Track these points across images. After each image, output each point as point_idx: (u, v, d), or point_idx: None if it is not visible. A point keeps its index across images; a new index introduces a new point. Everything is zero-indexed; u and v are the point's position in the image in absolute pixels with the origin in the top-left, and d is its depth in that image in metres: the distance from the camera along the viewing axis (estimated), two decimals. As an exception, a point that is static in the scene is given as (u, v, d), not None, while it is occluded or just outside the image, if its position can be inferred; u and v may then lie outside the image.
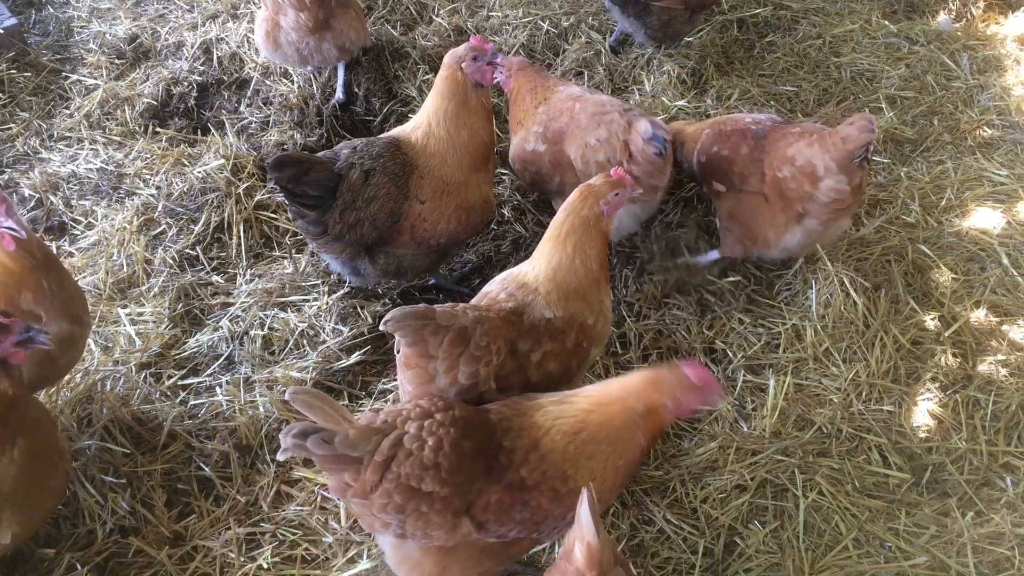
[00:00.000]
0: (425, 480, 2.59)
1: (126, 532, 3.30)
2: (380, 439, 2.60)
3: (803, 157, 3.76)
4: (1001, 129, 5.13)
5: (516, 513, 2.67)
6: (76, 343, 3.26)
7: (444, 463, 2.61)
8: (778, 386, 3.78)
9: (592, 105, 4.02)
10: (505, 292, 3.18)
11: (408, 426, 2.64)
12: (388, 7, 5.75)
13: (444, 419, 2.68)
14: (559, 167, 4.11)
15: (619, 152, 3.83)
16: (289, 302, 4.08)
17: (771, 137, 3.97)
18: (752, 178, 3.97)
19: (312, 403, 2.56)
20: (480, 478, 2.66)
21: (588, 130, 3.95)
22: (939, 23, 5.93)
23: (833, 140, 3.68)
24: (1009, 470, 3.59)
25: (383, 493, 2.59)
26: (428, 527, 2.64)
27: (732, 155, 4.03)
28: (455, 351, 2.92)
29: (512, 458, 2.69)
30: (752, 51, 5.66)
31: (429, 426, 2.65)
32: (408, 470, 2.58)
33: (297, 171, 3.61)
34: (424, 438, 2.62)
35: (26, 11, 5.93)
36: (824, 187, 3.73)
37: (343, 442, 2.55)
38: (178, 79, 5.22)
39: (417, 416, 2.68)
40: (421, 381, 2.98)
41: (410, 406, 2.73)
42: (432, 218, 3.82)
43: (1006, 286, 4.25)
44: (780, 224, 3.94)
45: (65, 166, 4.78)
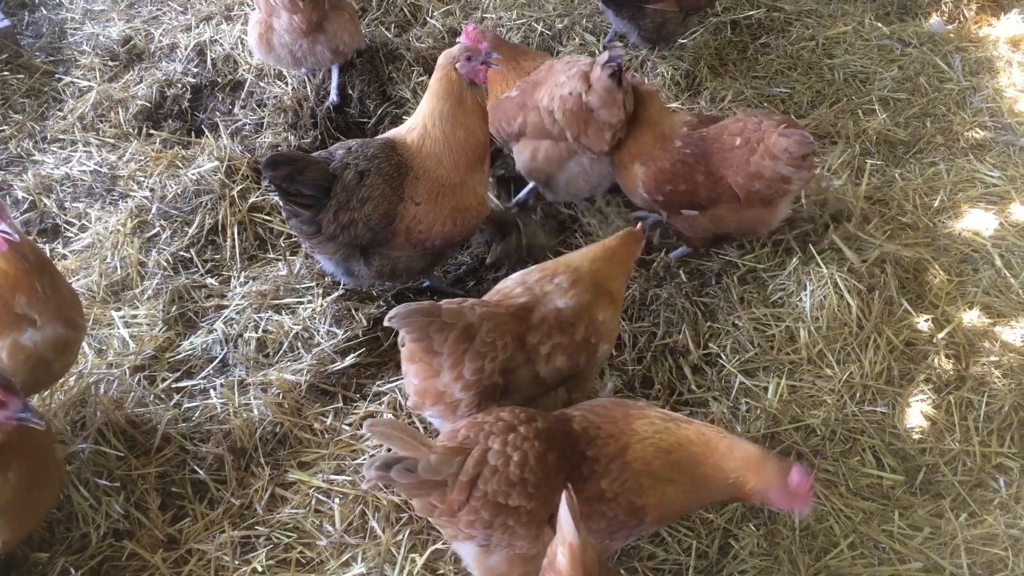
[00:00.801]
0: (512, 496, 2.62)
1: (120, 535, 3.30)
2: (463, 459, 2.61)
3: (768, 170, 3.88)
4: (993, 131, 5.15)
5: (593, 524, 2.69)
6: (70, 346, 3.25)
7: (530, 478, 2.63)
8: (773, 388, 3.79)
9: (569, 57, 4.39)
10: (522, 286, 3.23)
11: (492, 441, 2.66)
12: (382, 9, 5.75)
13: (528, 432, 2.69)
14: (524, 108, 4.29)
15: (579, 82, 4.00)
16: (283, 304, 4.07)
17: (714, 153, 4.01)
18: (722, 197, 4.04)
19: (391, 434, 2.59)
20: (562, 489, 2.67)
21: (560, 72, 4.18)
22: (932, 25, 5.95)
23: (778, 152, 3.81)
24: (1002, 471, 3.61)
25: (470, 511, 2.61)
26: (513, 539, 2.68)
27: (691, 187, 4.06)
28: (460, 347, 2.94)
29: (594, 468, 2.71)
30: (746, 53, 5.67)
31: (513, 440, 2.66)
32: (495, 487, 2.60)
33: (291, 170, 3.60)
34: (509, 453, 2.64)
35: (19, 13, 5.92)
36: (796, 181, 3.93)
37: (426, 469, 2.56)
38: (172, 81, 5.21)
39: (500, 431, 2.69)
40: (426, 375, 3.01)
41: (491, 419, 2.74)
42: (427, 220, 3.82)
43: (999, 287, 4.27)
44: (766, 217, 4.11)
45: (58, 168, 4.77)
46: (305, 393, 3.74)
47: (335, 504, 3.38)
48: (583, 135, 4.09)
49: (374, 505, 3.36)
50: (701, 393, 3.82)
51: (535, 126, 4.26)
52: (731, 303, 4.16)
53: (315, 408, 3.71)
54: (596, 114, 4.00)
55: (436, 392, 3.04)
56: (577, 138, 4.12)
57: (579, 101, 4.01)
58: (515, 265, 4.17)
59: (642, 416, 2.83)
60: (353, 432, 3.63)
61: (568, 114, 4.06)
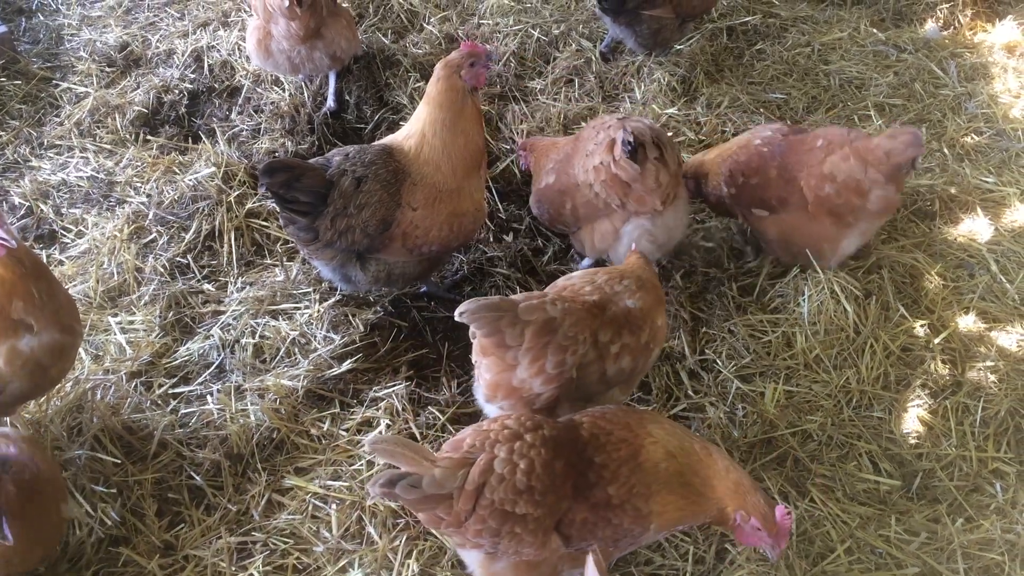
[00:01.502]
0: (519, 504, 2.62)
1: (116, 542, 3.29)
2: (467, 471, 2.61)
3: (843, 173, 3.82)
4: (989, 136, 5.16)
5: (599, 531, 2.70)
6: (67, 352, 3.25)
7: (537, 485, 2.63)
8: (769, 393, 3.79)
9: (596, 120, 4.05)
10: (591, 285, 3.23)
11: (498, 450, 2.66)
12: (379, 15, 5.77)
13: (534, 440, 2.69)
14: (567, 192, 4.05)
15: (605, 151, 3.79)
16: (280, 310, 4.07)
17: (792, 153, 4.00)
18: (792, 198, 3.99)
19: (394, 451, 2.58)
20: (569, 496, 2.69)
21: (589, 140, 3.94)
22: (927, 31, 5.98)
23: (876, 155, 3.75)
24: (999, 476, 3.61)
25: (477, 519, 2.62)
26: (520, 546, 2.69)
27: (763, 182, 4.04)
28: (541, 341, 2.95)
29: (602, 474, 2.71)
30: (742, 59, 5.69)
31: (520, 448, 2.66)
32: (502, 495, 2.61)
33: (288, 177, 3.60)
34: (516, 461, 2.64)
35: (16, 19, 5.92)
36: (874, 198, 3.82)
37: (431, 484, 2.57)
38: (169, 87, 5.21)
39: (506, 439, 2.69)
40: (500, 369, 3.02)
41: (497, 427, 2.74)
42: (424, 225, 3.82)
43: (995, 293, 4.28)
44: (833, 237, 4.02)
45: (55, 174, 4.76)
46: (302, 399, 3.74)
47: (332, 510, 3.37)
48: (628, 202, 3.84)
49: (371, 511, 3.36)
50: (698, 398, 3.82)
51: (585, 207, 4.01)
52: (727, 310, 4.17)
53: (312, 414, 3.71)
54: (633, 186, 3.79)
55: (510, 386, 3.05)
56: (623, 206, 3.87)
57: (610, 172, 3.79)
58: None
59: (655, 421, 2.87)
60: (350, 438, 3.62)
61: (605, 185, 3.83)
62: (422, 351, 4.08)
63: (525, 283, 4.25)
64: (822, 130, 4.06)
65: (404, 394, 3.75)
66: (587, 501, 2.69)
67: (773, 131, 4.15)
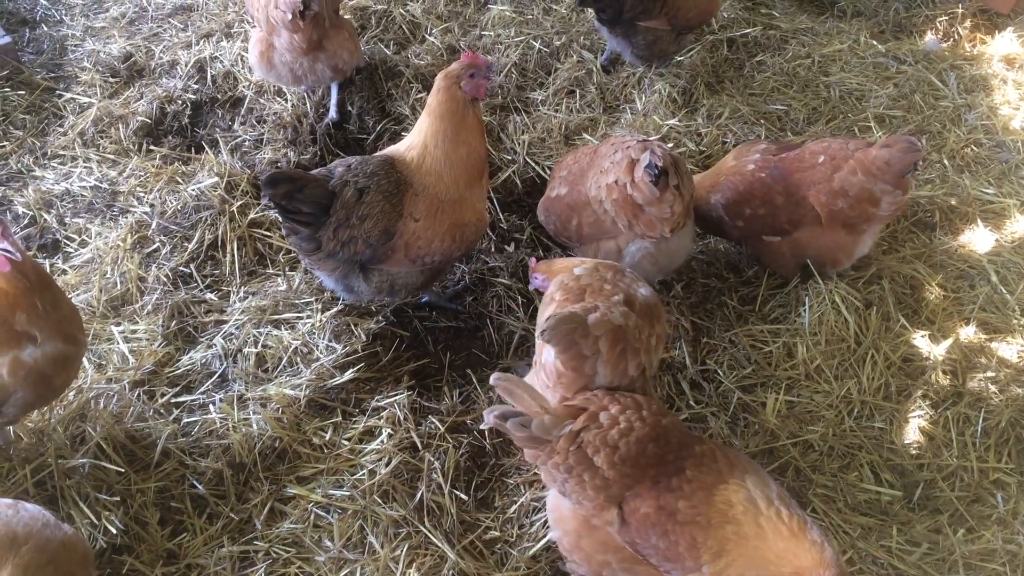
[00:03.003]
0: (599, 455, 2.72)
1: (119, 550, 3.29)
2: (575, 419, 2.78)
3: (855, 187, 3.89)
4: (988, 148, 5.19)
5: (654, 536, 2.70)
6: (71, 362, 3.26)
7: (622, 448, 2.72)
8: (771, 404, 3.80)
9: (614, 138, 4.04)
10: (608, 284, 3.24)
11: (612, 406, 2.80)
12: (381, 26, 5.79)
13: (647, 416, 2.80)
14: (576, 208, 4.03)
15: (624, 171, 3.76)
16: (283, 319, 4.08)
17: (794, 173, 4.02)
18: (804, 219, 4.03)
19: (513, 391, 2.79)
20: (645, 483, 2.73)
21: (605, 157, 3.90)
22: (927, 43, 6.01)
23: (877, 165, 3.83)
24: (1000, 486, 3.62)
25: (560, 452, 2.76)
26: (582, 496, 2.78)
27: (772, 211, 4.06)
28: (616, 348, 2.99)
29: (682, 487, 2.71)
30: (742, 70, 5.71)
31: (629, 414, 2.78)
32: (590, 439, 2.74)
33: (291, 188, 3.62)
34: (618, 419, 2.77)
35: (20, 29, 5.95)
36: (885, 204, 3.91)
37: (539, 427, 2.75)
38: (172, 97, 5.23)
39: (626, 403, 2.82)
40: (577, 386, 3.03)
41: (626, 396, 2.86)
42: (427, 236, 3.83)
43: (995, 303, 4.29)
44: (848, 244, 4.09)
45: (59, 184, 4.78)
46: (304, 408, 3.75)
47: (334, 519, 3.38)
48: (636, 225, 3.84)
49: (372, 520, 3.37)
50: (700, 409, 3.83)
51: (591, 226, 4.02)
52: (728, 320, 4.18)
53: (314, 423, 3.72)
54: (646, 209, 3.77)
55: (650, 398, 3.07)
56: (631, 227, 3.87)
57: (624, 192, 3.77)
58: None
59: (756, 473, 2.73)
60: (352, 447, 3.63)
61: (616, 204, 3.82)
62: (424, 361, 4.09)
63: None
64: (816, 144, 4.08)
65: (406, 403, 3.76)
66: (656, 499, 2.70)
67: (761, 152, 4.16)
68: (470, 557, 3.31)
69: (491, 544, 3.39)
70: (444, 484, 3.49)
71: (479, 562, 3.31)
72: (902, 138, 3.83)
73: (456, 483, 3.54)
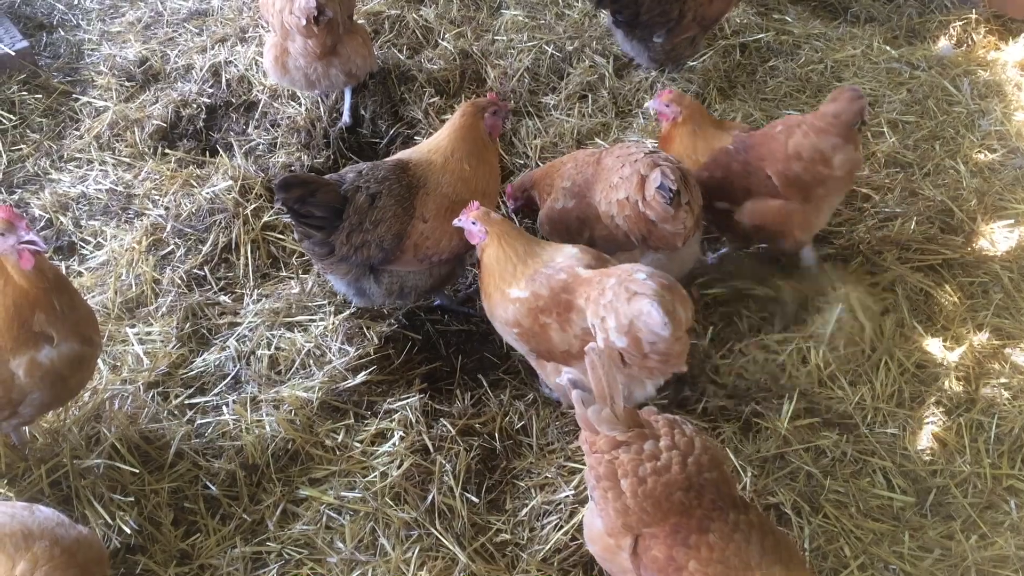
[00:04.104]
0: (624, 481, 2.66)
1: (133, 550, 3.32)
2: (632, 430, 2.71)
3: (806, 149, 3.89)
4: (1002, 154, 5.16)
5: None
6: (87, 363, 3.29)
7: (649, 484, 2.64)
8: (784, 409, 3.79)
9: (619, 150, 3.99)
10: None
11: (664, 437, 2.71)
12: (395, 31, 5.82)
13: (691, 463, 2.66)
14: (586, 222, 4.00)
15: (635, 188, 3.74)
16: (296, 322, 4.11)
17: (755, 145, 4.07)
18: (757, 190, 4.05)
19: (598, 368, 2.69)
20: (664, 527, 2.63)
21: (613, 171, 3.89)
22: (940, 49, 5.99)
23: (826, 121, 3.86)
24: (1013, 493, 3.60)
25: (596, 458, 2.73)
26: (604, 510, 2.74)
27: (727, 177, 4.08)
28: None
29: (700, 548, 2.57)
30: (754, 75, 5.71)
31: (672, 453, 2.67)
32: (625, 459, 2.67)
33: (303, 192, 3.65)
34: (658, 454, 2.67)
35: (37, 34, 6.01)
36: (838, 163, 3.89)
37: (595, 413, 2.71)
38: (187, 101, 5.28)
39: (678, 443, 2.70)
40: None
41: (688, 432, 2.75)
42: (435, 236, 3.87)
43: (1009, 310, 4.27)
44: (801, 214, 4.06)
45: (75, 187, 4.83)
46: (317, 410, 3.76)
47: (346, 521, 3.40)
48: (649, 239, 3.86)
49: (384, 522, 3.38)
50: (712, 414, 3.82)
51: (604, 240, 3.99)
52: (740, 332, 4.15)
53: (327, 425, 3.73)
54: (659, 226, 3.77)
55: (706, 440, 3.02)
56: (644, 241, 3.88)
57: (636, 209, 3.76)
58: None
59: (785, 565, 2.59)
60: (364, 449, 3.64)
61: (628, 220, 3.81)
62: (436, 364, 4.10)
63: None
64: (778, 120, 4.18)
65: (418, 406, 3.77)
66: (670, 549, 2.60)
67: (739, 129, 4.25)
68: (481, 560, 3.32)
69: (502, 547, 3.40)
70: (455, 487, 3.50)
71: (490, 565, 3.31)
72: (847, 88, 3.88)
73: (467, 486, 3.54)
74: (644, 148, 3.91)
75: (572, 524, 3.35)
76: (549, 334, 3.43)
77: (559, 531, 3.35)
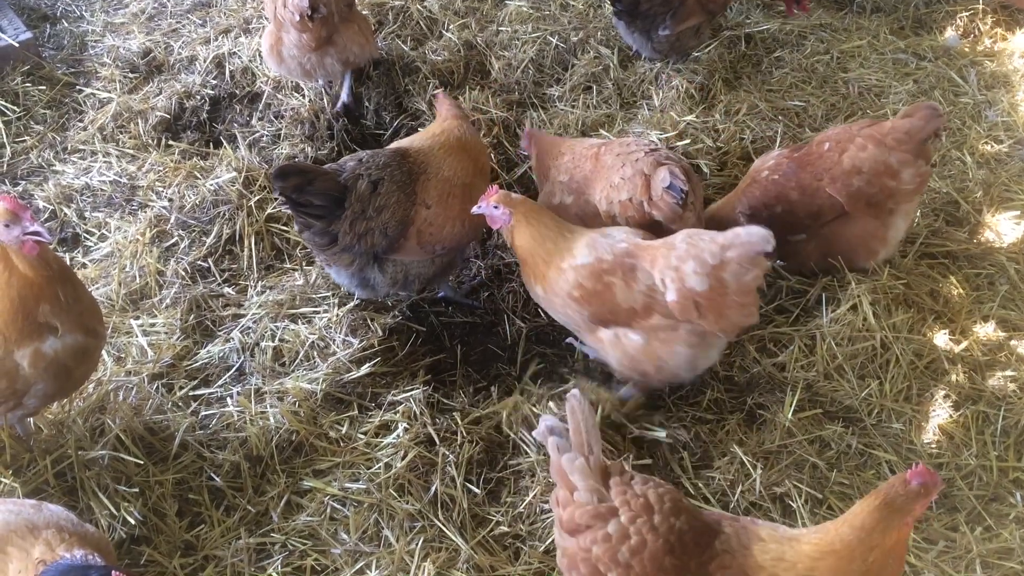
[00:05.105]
0: (612, 572, 2.56)
1: (138, 541, 3.32)
2: (599, 493, 2.62)
3: (866, 162, 3.84)
4: (1009, 145, 5.14)
5: None
6: (91, 354, 3.29)
7: (636, 568, 2.54)
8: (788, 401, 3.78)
9: (617, 146, 3.95)
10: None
11: (623, 511, 2.58)
12: (399, 22, 5.80)
13: (659, 523, 2.57)
14: (585, 219, 3.94)
15: (640, 190, 3.72)
16: (300, 314, 4.10)
17: (803, 166, 3.99)
18: (824, 210, 3.97)
19: (578, 417, 2.67)
20: None
21: (613, 169, 3.85)
22: (947, 39, 5.96)
23: (896, 136, 3.80)
24: (1019, 485, 3.59)
25: (570, 560, 2.64)
26: None
27: (787, 208, 4.00)
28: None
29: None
30: (760, 66, 5.68)
31: (640, 524, 2.56)
32: (600, 553, 2.57)
33: (301, 181, 3.64)
34: (629, 533, 2.55)
35: (41, 25, 6.00)
36: (907, 177, 3.84)
37: (569, 462, 2.65)
38: (191, 93, 5.27)
39: (638, 508, 2.59)
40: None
41: (639, 489, 2.63)
42: (438, 222, 3.87)
43: (1015, 301, 4.25)
44: (878, 229, 4.00)
45: (79, 178, 4.83)
46: (321, 402, 3.76)
47: (350, 512, 3.40)
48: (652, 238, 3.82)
49: (388, 514, 3.38)
50: (717, 407, 3.82)
51: None
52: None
53: (330, 417, 3.73)
54: (665, 226, 3.73)
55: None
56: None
57: (641, 210, 3.74)
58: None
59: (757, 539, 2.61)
60: (368, 440, 3.64)
61: (632, 221, 3.78)
62: (439, 356, 4.10)
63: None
64: (821, 135, 4.09)
65: (422, 398, 3.76)
66: None
67: (775, 157, 4.15)
68: (484, 551, 3.32)
69: (501, 539, 3.40)
70: (457, 478, 3.50)
71: (493, 556, 3.31)
72: (923, 105, 3.82)
73: (469, 477, 3.54)
74: (644, 145, 3.87)
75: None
76: (613, 291, 3.40)
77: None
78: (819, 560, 2.49)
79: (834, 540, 2.49)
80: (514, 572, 3.25)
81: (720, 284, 3.21)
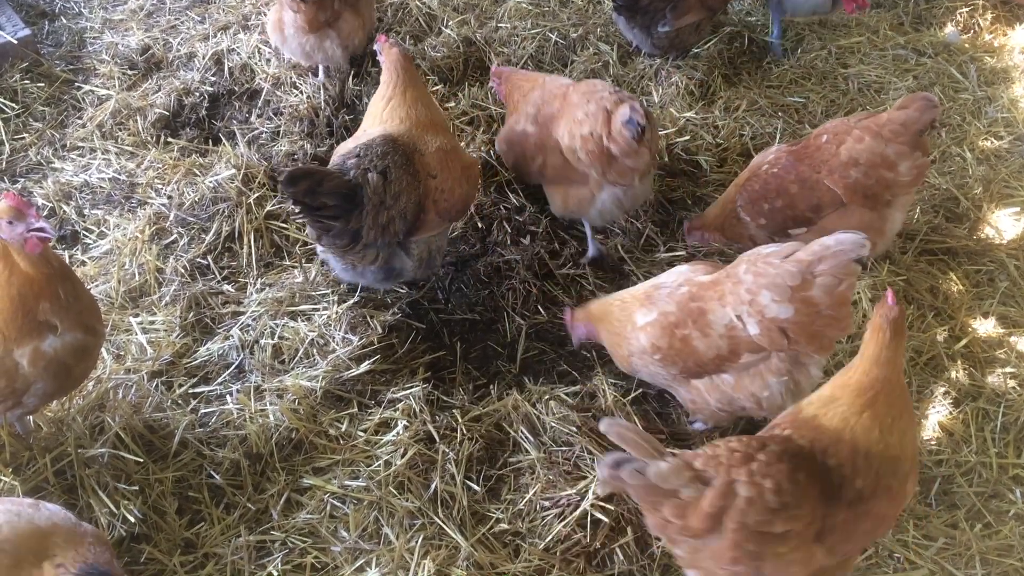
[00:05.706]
0: (776, 523, 2.56)
1: (138, 539, 3.33)
2: (696, 478, 2.57)
3: (863, 154, 3.83)
4: (1009, 141, 5.14)
5: (861, 525, 2.68)
6: (90, 352, 3.29)
7: (790, 500, 2.56)
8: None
9: (585, 86, 4.14)
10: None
11: (735, 473, 2.57)
12: (398, 18, 5.79)
13: (769, 458, 2.60)
14: (543, 149, 4.21)
15: (600, 125, 3.88)
16: (299, 311, 4.10)
17: (802, 159, 4.00)
18: (824, 202, 3.96)
19: (625, 435, 2.59)
20: (821, 504, 2.63)
21: (578, 107, 4.02)
22: (947, 35, 5.95)
23: (892, 128, 3.80)
24: (1018, 482, 3.59)
25: (732, 545, 2.56)
26: (788, 566, 2.63)
27: (787, 201, 4.00)
28: None
29: (843, 473, 2.65)
30: (760, 62, 5.68)
31: (758, 469, 2.58)
32: (756, 517, 2.54)
33: (311, 183, 3.60)
34: (760, 482, 2.55)
35: (39, 22, 5.98)
36: (904, 169, 3.83)
37: (656, 474, 2.53)
38: (190, 90, 5.26)
39: (739, 461, 2.59)
40: None
41: (724, 451, 2.63)
42: (448, 187, 3.93)
43: (1015, 297, 4.26)
44: (876, 221, 3.95)
45: (78, 176, 4.82)
46: (320, 399, 3.76)
47: (349, 510, 3.40)
48: (608, 173, 4.01)
49: (388, 511, 3.38)
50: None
51: (555, 169, 4.21)
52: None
53: (330, 414, 3.73)
54: (620, 160, 3.93)
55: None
56: (604, 175, 4.03)
57: (600, 144, 3.91)
58: None
59: (799, 411, 2.85)
60: (368, 438, 3.64)
61: (591, 155, 3.96)
62: (439, 353, 4.10)
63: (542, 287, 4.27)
64: (819, 128, 4.10)
65: (421, 395, 3.76)
66: (841, 500, 2.63)
67: (774, 151, 4.16)
68: (484, 548, 3.32)
69: (501, 536, 3.40)
70: (457, 475, 3.50)
71: (493, 554, 3.31)
72: (918, 96, 3.83)
73: (469, 474, 3.54)
74: (610, 88, 4.03)
75: (574, 516, 3.34)
76: (693, 345, 3.31)
77: (561, 522, 3.34)
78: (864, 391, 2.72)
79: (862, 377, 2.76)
80: (514, 569, 3.25)
81: (808, 304, 3.07)
